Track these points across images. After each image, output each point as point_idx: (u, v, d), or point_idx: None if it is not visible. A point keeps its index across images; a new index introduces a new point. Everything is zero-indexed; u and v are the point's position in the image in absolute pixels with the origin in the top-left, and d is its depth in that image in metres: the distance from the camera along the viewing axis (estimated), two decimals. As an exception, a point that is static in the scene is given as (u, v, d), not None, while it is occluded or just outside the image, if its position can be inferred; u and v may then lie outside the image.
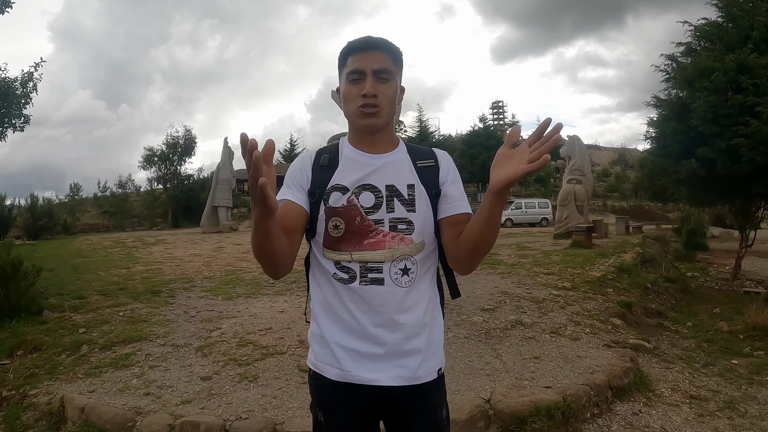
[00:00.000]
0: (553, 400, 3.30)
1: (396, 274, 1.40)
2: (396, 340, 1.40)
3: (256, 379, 3.72)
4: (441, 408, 1.48)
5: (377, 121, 1.40)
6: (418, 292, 1.43)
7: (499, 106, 79.53)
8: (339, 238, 1.41)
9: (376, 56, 1.38)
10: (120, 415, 3.14)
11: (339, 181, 1.43)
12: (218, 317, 5.44)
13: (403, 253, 1.40)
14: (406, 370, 1.40)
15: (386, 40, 1.42)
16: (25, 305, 5.36)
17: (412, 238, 1.41)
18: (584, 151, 15.02)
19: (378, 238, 1.40)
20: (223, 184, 21.40)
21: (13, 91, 8.24)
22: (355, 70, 1.38)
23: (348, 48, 1.42)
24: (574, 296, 6.31)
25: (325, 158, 1.48)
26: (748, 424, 3.46)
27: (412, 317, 1.42)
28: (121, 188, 35.06)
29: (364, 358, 1.40)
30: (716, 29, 8.64)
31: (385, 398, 1.41)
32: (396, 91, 1.43)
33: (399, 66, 1.44)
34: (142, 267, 9.79)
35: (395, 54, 1.42)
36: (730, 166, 7.64)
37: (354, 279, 1.40)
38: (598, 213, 29.90)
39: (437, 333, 1.49)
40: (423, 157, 1.50)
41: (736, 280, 9.54)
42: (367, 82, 1.36)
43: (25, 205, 22.36)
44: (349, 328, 1.41)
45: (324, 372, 1.44)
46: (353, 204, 1.40)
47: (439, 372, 1.48)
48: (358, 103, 1.38)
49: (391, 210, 1.41)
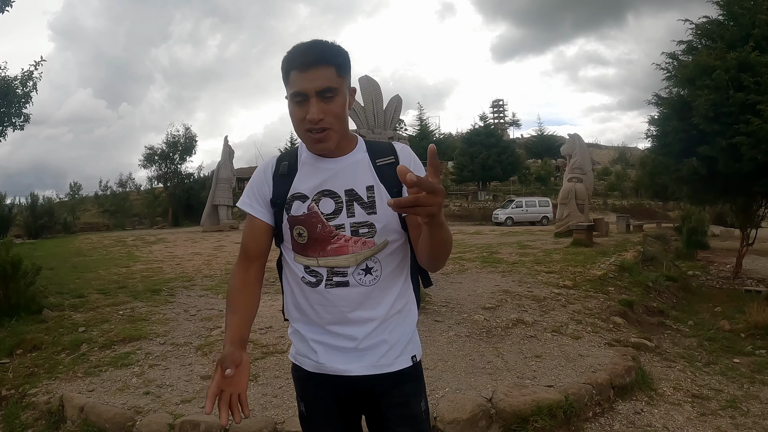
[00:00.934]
0: (555, 399, 3.29)
1: (359, 274, 1.42)
2: (364, 334, 1.42)
3: (256, 378, 3.71)
4: (418, 398, 1.50)
5: (327, 145, 1.37)
6: (384, 288, 1.44)
7: (499, 105, 79.53)
8: (305, 245, 1.44)
9: (318, 74, 1.30)
10: (120, 414, 3.13)
11: (298, 189, 1.45)
12: (218, 316, 5.43)
13: (366, 256, 1.41)
14: (376, 358, 1.43)
15: (327, 50, 1.33)
16: (24, 304, 5.35)
17: (375, 240, 1.41)
18: (585, 149, 15.01)
19: (340, 243, 1.41)
20: (223, 182, 21.41)
21: (13, 90, 8.22)
22: (297, 92, 1.32)
23: (288, 63, 1.34)
24: (575, 295, 6.30)
25: (284, 166, 1.49)
26: (751, 423, 3.45)
27: (378, 312, 1.44)
28: (121, 187, 35.03)
29: (336, 351, 1.44)
30: (717, 27, 8.62)
31: (361, 388, 1.45)
32: (343, 105, 1.37)
33: (345, 73, 1.37)
34: (143, 266, 9.78)
35: (339, 64, 1.34)
36: (731, 165, 7.62)
37: (320, 282, 1.43)
38: (598, 211, 29.89)
39: (409, 322, 1.50)
40: (382, 154, 1.47)
41: (737, 278, 9.53)
42: (311, 105, 1.31)
43: (26, 204, 22.32)
44: (318, 326, 1.46)
45: (302, 364, 1.50)
46: (314, 212, 1.42)
47: (413, 360, 1.49)
48: (304, 126, 1.34)
49: (352, 215, 1.41)
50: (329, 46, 1.35)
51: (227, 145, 22.39)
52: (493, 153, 39.20)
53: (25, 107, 8.51)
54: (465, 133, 46.42)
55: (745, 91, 7.42)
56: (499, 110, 78.50)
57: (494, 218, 29.18)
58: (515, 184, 42.80)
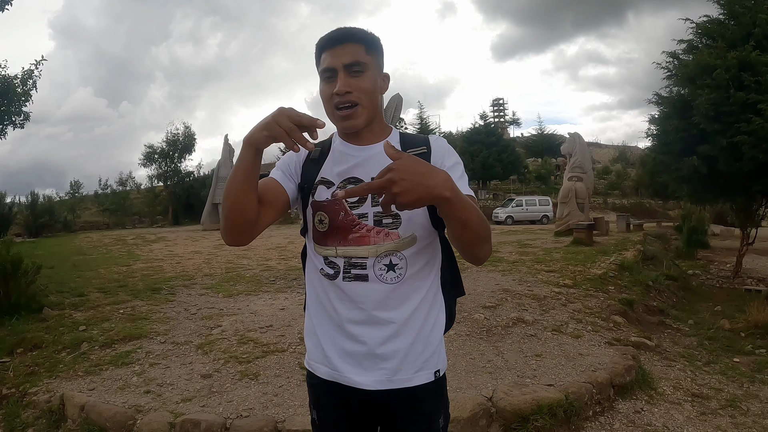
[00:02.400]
0: (555, 398, 3.29)
1: (381, 270, 1.34)
2: (380, 338, 1.34)
3: (256, 377, 3.71)
4: (437, 416, 1.41)
5: (355, 122, 1.34)
6: (408, 289, 1.36)
7: (499, 104, 79.65)
8: (325, 233, 1.39)
9: (346, 50, 1.31)
10: (120, 413, 3.13)
11: (325, 175, 1.41)
12: (219, 315, 5.43)
13: (388, 248, 1.34)
14: (390, 372, 1.35)
15: (357, 30, 1.35)
16: (25, 303, 5.35)
17: (399, 232, 1.34)
18: (585, 148, 14.99)
19: (362, 233, 1.35)
20: (223, 181, 21.28)
21: (13, 88, 8.22)
22: (327, 68, 1.32)
23: (319, 44, 1.36)
24: (575, 294, 6.30)
25: (317, 151, 1.45)
26: (750, 423, 3.45)
27: (398, 315, 1.35)
28: (121, 186, 35.01)
29: (350, 356, 1.37)
30: (718, 26, 8.61)
31: (373, 402, 1.37)
32: (373, 83, 1.34)
33: (375, 54, 1.36)
34: (143, 264, 9.78)
35: (369, 42, 1.34)
36: (731, 164, 7.62)
37: (338, 274, 1.37)
38: (598, 210, 29.91)
39: (433, 332, 1.41)
40: (414, 144, 1.42)
41: (737, 277, 9.52)
42: (338, 79, 1.30)
43: (26, 203, 22.31)
44: (333, 323, 1.40)
45: (316, 371, 1.44)
46: (337, 198, 1.34)
47: (436, 375, 1.40)
48: (333, 102, 1.32)
49: (376, 203, 1.34)
50: (359, 28, 1.35)
51: (227, 143, 22.38)
52: (494, 152, 39.22)
53: (25, 105, 8.52)
54: (465, 131, 46.47)
55: (745, 90, 7.41)
56: (499, 109, 78.63)
57: (494, 217, 29.17)
58: (515, 183, 42.83)
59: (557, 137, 50.28)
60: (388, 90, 1.45)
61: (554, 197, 25.05)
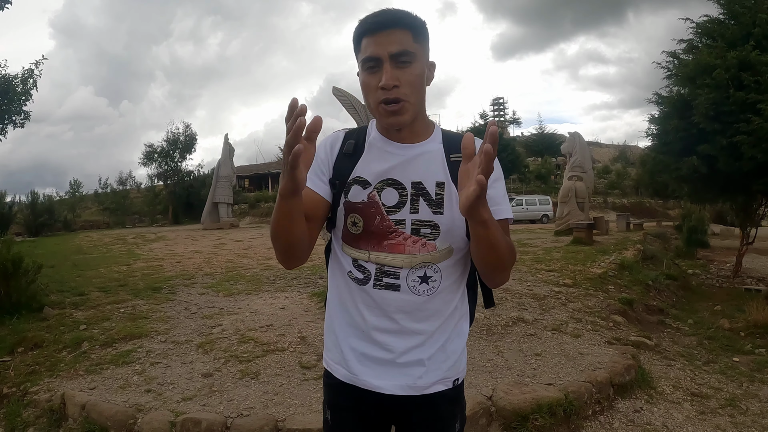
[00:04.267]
0: (554, 397, 3.30)
1: (414, 281, 1.28)
2: (405, 348, 1.30)
3: (257, 376, 3.72)
4: (453, 420, 1.39)
5: (402, 119, 1.23)
6: (440, 302, 1.31)
7: (499, 103, 79.41)
8: (358, 236, 1.30)
9: (393, 37, 1.19)
10: (121, 412, 3.13)
11: (361, 174, 1.30)
12: (219, 314, 5.44)
13: (424, 260, 1.27)
14: (412, 379, 1.31)
15: (403, 13, 1.22)
16: (25, 302, 5.36)
17: (436, 244, 1.27)
18: (585, 147, 15.00)
19: (398, 241, 1.27)
20: (223, 180, 21.39)
21: (13, 88, 8.24)
22: (370, 56, 1.20)
23: (360, 29, 1.24)
24: (575, 293, 6.31)
25: (350, 144, 1.34)
26: (750, 422, 3.46)
27: (427, 327, 1.31)
28: (121, 185, 35.07)
29: (371, 361, 1.32)
30: (718, 26, 8.60)
31: (390, 405, 1.33)
32: (421, 74, 1.24)
33: (423, 41, 1.25)
34: (143, 263, 9.79)
35: (416, 28, 1.23)
36: (731, 163, 7.62)
37: (368, 280, 1.30)
38: (598, 210, 29.86)
39: (457, 343, 1.37)
40: (458, 148, 1.23)
41: (737, 277, 9.52)
42: (384, 71, 1.19)
43: (26, 202, 22.31)
44: (359, 330, 1.33)
45: (334, 372, 1.39)
46: (374, 201, 1.28)
47: (455, 383, 1.37)
48: (378, 96, 1.21)
49: (415, 211, 1.27)
50: (405, 11, 1.23)
51: (227, 142, 22.37)
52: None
53: (26, 105, 8.54)
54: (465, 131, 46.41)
55: (745, 90, 7.40)
56: (499, 108, 78.43)
57: (494, 216, 29.13)
58: (515, 182, 42.79)
59: (557, 136, 50.21)
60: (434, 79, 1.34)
61: (554, 196, 25.02)
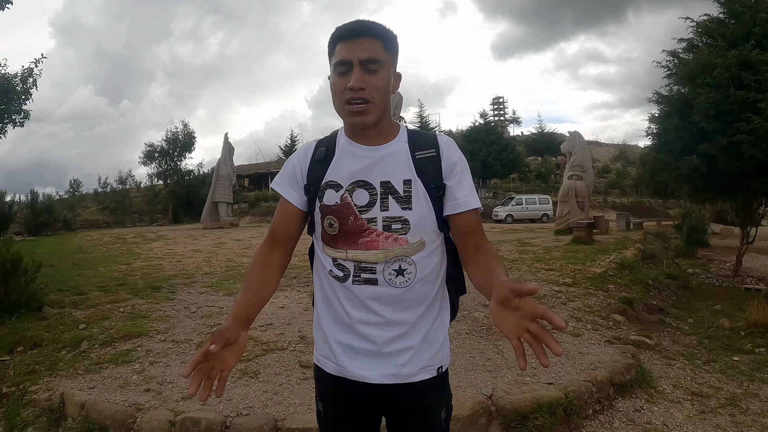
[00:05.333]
0: (554, 396, 3.29)
1: (390, 275, 1.36)
2: (388, 338, 1.37)
3: (256, 375, 3.71)
4: (439, 408, 1.45)
5: (365, 119, 1.31)
6: (417, 292, 1.38)
7: (499, 102, 79.48)
8: (335, 236, 1.39)
9: (364, 44, 1.28)
10: (120, 411, 3.13)
11: (332, 177, 1.39)
12: (219, 313, 5.43)
13: (397, 254, 1.35)
14: (396, 368, 1.37)
15: (376, 25, 1.32)
16: (25, 301, 5.34)
17: (407, 238, 1.35)
18: (585, 147, 15.00)
19: (371, 238, 1.35)
20: (223, 179, 21.39)
21: (13, 87, 8.22)
22: (342, 60, 1.29)
23: (336, 34, 1.32)
24: (575, 292, 6.30)
25: (321, 151, 1.43)
26: (750, 421, 3.46)
27: (408, 317, 1.38)
28: (121, 184, 35.05)
29: (357, 353, 1.39)
30: (718, 25, 8.60)
31: (377, 395, 1.40)
32: (387, 82, 1.32)
33: (392, 52, 1.34)
34: (143, 263, 9.78)
35: (387, 39, 1.32)
36: (731, 163, 7.62)
37: (348, 277, 1.38)
38: (598, 209, 29.89)
39: (439, 331, 1.44)
40: (423, 146, 1.39)
41: (737, 276, 9.52)
42: (353, 74, 1.27)
43: (26, 201, 22.32)
44: (344, 324, 1.41)
45: (323, 366, 1.46)
46: (347, 203, 1.36)
47: (439, 371, 1.43)
48: (345, 96, 1.29)
49: (385, 208, 1.35)
50: (378, 23, 1.33)
51: (227, 142, 22.38)
52: (494, 150, 39.19)
53: (25, 104, 8.52)
54: (465, 130, 46.37)
55: (745, 89, 7.41)
56: (499, 108, 78.47)
57: (494, 215, 29.21)
58: (515, 182, 42.82)
59: (557, 136, 50.23)
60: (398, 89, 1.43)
61: (554, 196, 25.04)
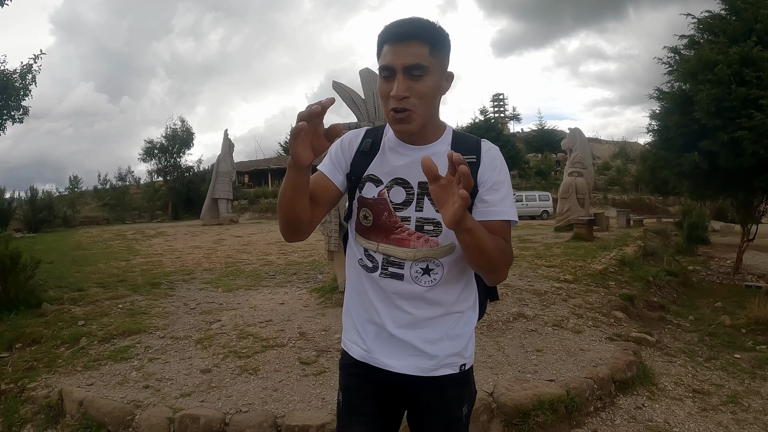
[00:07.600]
0: (556, 394, 3.28)
1: (416, 273, 1.37)
2: (410, 333, 1.39)
3: (256, 372, 3.70)
4: (460, 403, 1.45)
5: (408, 127, 1.32)
6: (441, 292, 1.39)
7: (500, 99, 79.43)
8: (369, 228, 1.42)
9: (409, 49, 1.25)
10: (119, 408, 3.11)
11: (374, 172, 1.41)
12: (218, 309, 5.42)
13: (426, 254, 1.36)
14: (420, 360, 1.39)
15: (424, 26, 1.28)
16: (24, 298, 5.33)
17: (438, 240, 1.36)
18: (585, 144, 14.97)
19: (403, 236, 1.37)
20: (223, 176, 21.35)
21: (12, 83, 8.20)
22: (386, 66, 1.28)
23: (383, 36, 1.30)
24: (576, 289, 6.29)
25: (367, 143, 1.46)
26: (752, 419, 3.44)
27: (430, 313, 1.39)
28: (121, 181, 34.94)
29: (384, 342, 1.41)
30: (719, 22, 8.56)
31: (399, 386, 1.41)
32: (432, 87, 1.30)
33: (441, 55, 1.31)
34: (142, 259, 9.77)
35: (435, 42, 1.28)
36: (732, 160, 7.59)
37: (376, 269, 1.40)
38: (599, 206, 29.82)
39: (464, 329, 1.44)
40: (465, 151, 1.36)
41: (737, 274, 9.51)
42: (396, 81, 1.26)
43: (25, 198, 22.29)
44: (368, 311, 1.44)
45: (350, 350, 1.48)
46: (383, 198, 1.39)
47: (461, 368, 1.43)
48: (389, 104, 1.29)
49: (420, 209, 1.36)
50: (427, 23, 1.30)
51: (227, 138, 22.31)
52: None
53: (24, 100, 8.50)
54: (465, 127, 46.39)
55: (747, 85, 7.38)
56: (499, 104, 78.44)
57: (494, 213, 29.12)
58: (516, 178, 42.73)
59: (558, 133, 50.20)
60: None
61: (554, 193, 25.02)
